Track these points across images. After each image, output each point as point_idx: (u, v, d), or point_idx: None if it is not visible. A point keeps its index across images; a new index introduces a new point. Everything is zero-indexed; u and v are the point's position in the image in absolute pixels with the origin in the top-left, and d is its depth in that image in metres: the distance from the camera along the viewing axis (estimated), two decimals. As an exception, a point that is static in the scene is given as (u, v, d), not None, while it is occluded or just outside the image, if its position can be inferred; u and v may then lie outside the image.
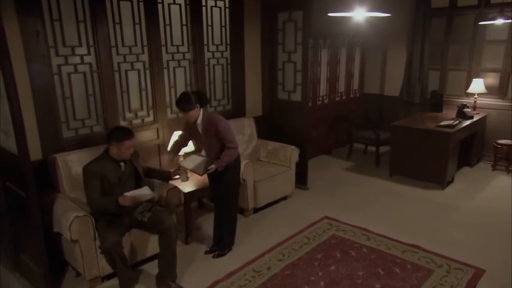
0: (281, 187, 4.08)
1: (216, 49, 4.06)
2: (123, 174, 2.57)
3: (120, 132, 2.51)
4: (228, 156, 2.79)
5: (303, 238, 3.36)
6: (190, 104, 2.69)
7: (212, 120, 2.77)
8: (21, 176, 2.29)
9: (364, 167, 5.18)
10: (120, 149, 2.49)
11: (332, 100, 5.66)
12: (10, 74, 2.03)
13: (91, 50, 3.06)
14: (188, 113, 2.71)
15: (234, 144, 2.80)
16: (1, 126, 2.39)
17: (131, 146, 2.53)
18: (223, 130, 2.75)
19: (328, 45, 5.33)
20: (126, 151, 2.52)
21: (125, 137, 2.49)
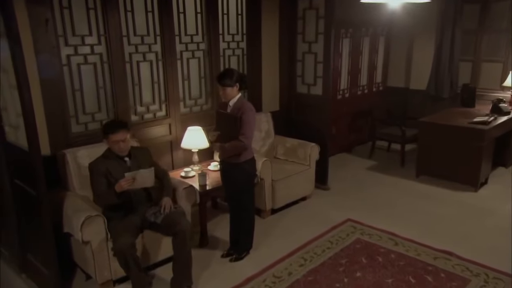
0: (301, 187, 4.02)
1: (231, 39, 4.01)
2: (128, 170, 2.53)
3: (106, 126, 2.53)
4: (233, 147, 2.71)
5: (325, 242, 3.31)
6: (231, 80, 2.67)
7: (242, 106, 2.73)
8: (31, 172, 2.28)
9: (388, 167, 5.09)
10: (109, 143, 2.50)
11: (353, 94, 5.57)
12: (22, 64, 2.01)
13: (101, 39, 3.04)
14: (226, 89, 2.68)
15: (246, 140, 2.71)
16: (10, 119, 2.38)
17: (119, 140, 2.49)
18: (245, 121, 2.69)
19: (350, 35, 5.24)
20: (116, 146, 2.50)
21: (109, 131, 2.48)
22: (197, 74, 3.80)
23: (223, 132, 2.74)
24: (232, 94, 2.73)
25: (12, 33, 1.98)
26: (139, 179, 2.43)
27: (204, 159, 3.78)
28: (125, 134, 2.51)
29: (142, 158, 2.67)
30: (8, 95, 2.29)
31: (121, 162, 2.57)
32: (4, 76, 2.26)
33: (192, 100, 3.82)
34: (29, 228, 2.61)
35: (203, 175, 3.25)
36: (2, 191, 2.70)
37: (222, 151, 2.77)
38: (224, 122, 2.75)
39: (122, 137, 2.50)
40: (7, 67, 2.17)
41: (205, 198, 3.22)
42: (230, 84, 2.69)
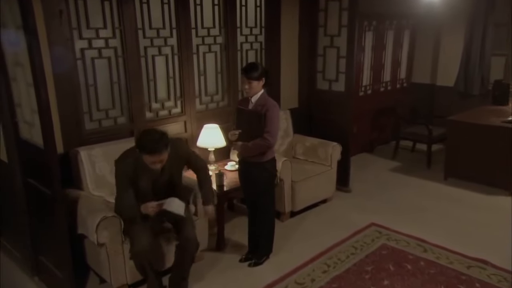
0: (321, 188, 3.97)
1: (249, 32, 3.98)
2: (157, 180, 2.37)
3: (142, 143, 2.25)
4: (257, 146, 2.68)
5: (349, 247, 3.25)
6: (257, 72, 2.65)
7: (266, 103, 2.69)
8: (45, 171, 2.28)
9: (413, 168, 5.00)
10: (143, 158, 2.29)
11: (376, 91, 5.49)
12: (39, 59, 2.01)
13: (116, 32, 3.04)
14: (252, 83, 2.65)
15: (272, 138, 2.68)
16: (25, 116, 2.39)
17: (153, 162, 2.27)
18: (270, 118, 2.66)
19: (373, 28, 5.16)
20: (151, 165, 2.29)
21: (144, 151, 2.24)
22: (214, 69, 3.77)
23: (245, 130, 2.70)
24: (257, 89, 2.70)
25: (29, 26, 1.98)
26: (168, 207, 2.35)
27: (220, 158, 3.75)
28: (163, 155, 2.25)
29: (177, 162, 2.45)
30: (23, 90, 2.30)
31: (151, 170, 2.34)
32: (19, 71, 2.27)
33: (208, 96, 3.79)
34: (42, 229, 2.62)
35: (220, 175, 3.23)
36: (14, 190, 2.71)
37: (246, 150, 2.73)
38: (247, 120, 2.72)
39: (159, 159, 2.25)
40: (23, 61, 2.17)
41: (223, 199, 3.20)
42: (257, 77, 2.66)
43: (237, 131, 2.71)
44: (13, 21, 2.15)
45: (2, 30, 2.30)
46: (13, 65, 2.33)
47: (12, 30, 2.18)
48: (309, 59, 4.37)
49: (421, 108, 5.63)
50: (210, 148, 3.51)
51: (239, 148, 2.76)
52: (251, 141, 2.68)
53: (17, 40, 2.14)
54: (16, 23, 2.12)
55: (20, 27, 2.08)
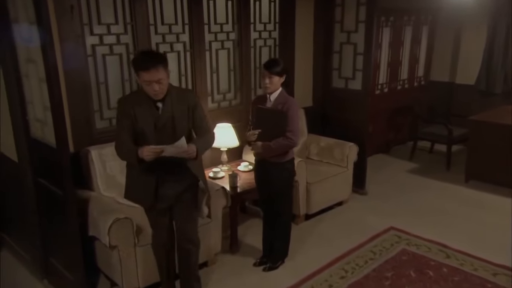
0: (337, 190, 3.94)
1: (263, 28, 3.96)
2: (158, 119, 2.15)
3: (137, 60, 2.07)
4: (281, 146, 2.66)
5: (367, 252, 3.22)
6: (279, 67, 2.64)
7: (287, 101, 2.68)
8: (57, 171, 2.28)
9: (432, 170, 4.94)
10: (140, 82, 2.09)
11: (392, 89, 5.44)
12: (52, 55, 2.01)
13: (128, 28, 3.03)
14: (274, 78, 2.64)
15: (295, 137, 2.67)
16: (36, 114, 2.39)
17: (153, 81, 2.03)
18: (292, 116, 2.64)
19: (390, 24, 5.10)
20: (149, 88, 2.06)
21: (139, 66, 2.02)
22: (226, 66, 3.76)
23: (265, 130, 2.65)
24: (277, 85, 2.68)
25: (43, 21, 1.97)
26: (169, 152, 2.09)
27: (232, 158, 3.74)
28: (161, 73, 2.03)
29: (180, 105, 2.21)
30: (35, 87, 2.30)
31: (152, 106, 2.15)
32: (32, 67, 2.27)
33: (220, 94, 3.78)
34: (53, 230, 2.62)
35: (234, 176, 3.21)
36: (24, 190, 2.72)
37: (268, 150, 2.68)
38: (267, 119, 2.67)
39: (156, 77, 2.03)
40: (35, 57, 2.17)
41: (236, 201, 3.18)
42: (279, 72, 2.64)
43: (256, 131, 2.67)
44: (26, 16, 2.15)
45: (14, 26, 2.30)
46: (25, 61, 2.33)
47: (25, 25, 2.18)
48: (325, 56, 4.34)
49: (439, 107, 5.56)
50: (222, 148, 3.50)
51: (260, 149, 2.70)
52: (273, 141, 2.65)
53: (30, 36, 2.14)
54: (29, 19, 2.12)
55: (33, 22, 2.08)
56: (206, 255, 2.96)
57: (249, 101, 3.97)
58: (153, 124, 2.15)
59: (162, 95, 2.13)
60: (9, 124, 2.64)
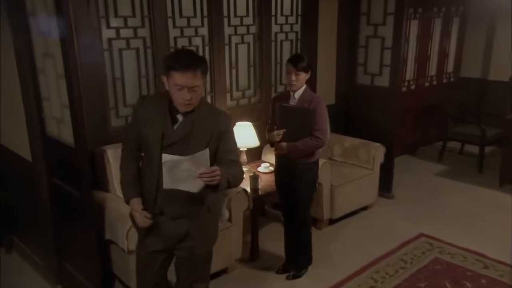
0: (363, 194, 3.90)
1: (285, 21, 3.93)
2: (170, 135, 1.81)
3: (173, 57, 1.78)
4: (310, 146, 2.64)
5: (397, 260, 3.17)
6: (305, 63, 2.62)
7: (313, 98, 2.66)
8: (74, 171, 2.28)
9: (463, 172, 4.87)
10: (169, 86, 1.77)
11: (420, 86, 5.36)
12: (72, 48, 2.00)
13: (145, 21, 3.03)
14: (300, 74, 2.61)
15: (324, 137, 2.65)
16: (53, 111, 2.40)
17: (187, 86, 1.72)
18: (320, 114, 2.62)
19: (419, 16, 5.02)
20: (178, 94, 1.74)
21: (175, 66, 1.71)
22: (246, 61, 3.74)
23: (290, 130, 2.62)
24: (303, 82, 2.66)
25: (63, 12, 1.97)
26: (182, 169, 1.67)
27: (252, 159, 3.72)
28: (198, 79, 1.73)
29: (205, 127, 1.83)
30: (53, 83, 2.30)
31: (167, 117, 1.82)
32: (49, 62, 2.28)
33: (239, 91, 3.76)
34: (68, 234, 2.63)
35: (255, 177, 3.19)
36: (38, 191, 2.73)
37: (295, 151, 2.65)
38: (293, 118, 2.64)
39: (192, 83, 1.72)
40: (53, 51, 2.18)
41: (258, 204, 3.16)
42: (306, 68, 2.62)
43: (281, 131, 2.64)
44: (45, 8, 2.15)
45: (31, 19, 2.31)
46: (42, 55, 2.34)
47: (43, 17, 2.19)
48: (349, 50, 4.30)
49: (470, 105, 5.46)
50: (242, 148, 3.47)
51: (285, 150, 2.67)
52: (300, 141, 2.62)
53: (49, 28, 2.14)
54: (48, 10, 2.12)
55: (52, 14, 2.08)
56: (226, 261, 2.95)
57: (269, 99, 3.95)
58: (160, 135, 1.81)
59: (191, 107, 1.80)
60: (23, 122, 2.65)
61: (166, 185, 1.71)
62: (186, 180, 1.69)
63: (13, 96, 2.69)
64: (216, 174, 1.68)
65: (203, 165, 1.66)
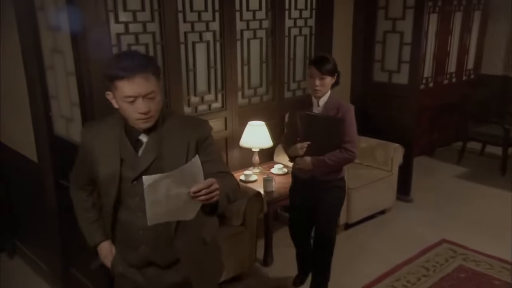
0: (380, 197, 3.88)
1: (299, 15, 3.91)
2: (137, 162, 1.51)
3: (114, 62, 1.46)
4: (340, 161, 2.45)
5: (419, 267, 3.15)
6: (331, 65, 2.41)
7: (341, 105, 2.46)
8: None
9: (484, 175, 4.83)
10: (117, 101, 1.47)
11: (438, 84, 5.33)
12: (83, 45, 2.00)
13: (155, 15, 3.02)
14: (326, 79, 2.40)
15: (355, 149, 2.46)
16: (62, 109, 2.40)
17: (137, 96, 1.41)
18: (350, 124, 2.45)
19: (438, 10, 4.98)
20: (130, 110, 1.44)
21: (118, 72, 1.41)
22: (258, 58, 3.72)
23: (316, 142, 2.41)
24: (329, 87, 2.45)
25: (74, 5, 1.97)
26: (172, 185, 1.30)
27: (264, 160, 3.70)
28: (151, 84, 1.43)
29: (177, 139, 1.54)
30: (62, 80, 2.30)
31: (125, 142, 1.53)
32: (58, 58, 2.27)
33: (251, 89, 3.75)
34: (75, 237, 2.62)
35: (269, 180, 3.17)
36: (44, 193, 2.73)
37: (321, 167, 2.44)
38: (320, 128, 2.41)
39: (144, 89, 1.41)
40: (62, 47, 2.18)
41: (272, 208, 3.14)
42: (332, 71, 2.43)
43: (305, 143, 2.43)
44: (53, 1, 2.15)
45: (39, 13, 2.31)
46: (50, 51, 2.34)
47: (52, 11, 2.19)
48: (365, 46, 4.27)
49: (492, 104, 5.42)
50: (254, 149, 3.47)
51: (309, 165, 2.45)
52: (327, 155, 2.43)
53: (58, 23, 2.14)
54: (57, 3, 2.12)
55: (62, 8, 2.07)
56: (239, 267, 2.94)
57: (282, 97, 3.94)
58: (118, 174, 1.51)
59: (153, 121, 1.49)
60: (28, 121, 2.65)
61: (152, 220, 1.33)
62: (176, 205, 1.32)
63: (18, 94, 2.70)
64: (215, 188, 1.34)
65: (196, 180, 1.32)
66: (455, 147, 5.52)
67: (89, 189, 1.72)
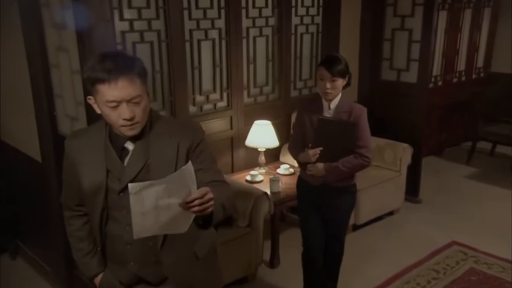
0: (388, 198, 3.87)
1: (305, 13, 3.91)
2: (123, 172, 1.43)
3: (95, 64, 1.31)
4: (352, 167, 2.36)
5: (429, 270, 3.14)
6: (342, 66, 2.29)
7: (353, 108, 2.36)
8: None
9: (495, 175, 4.81)
10: (100, 106, 1.37)
11: (447, 82, 5.31)
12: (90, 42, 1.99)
13: (160, 12, 3.02)
14: (338, 81, 2.28)
15: (370, 155, 2.37)
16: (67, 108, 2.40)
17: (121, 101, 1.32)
18: (363, 129, 2.36)
19: (447, 6, 4.96)
20: (113, 116, 1.34)
21: (99, 74, 1.30)
22: (264, 56, 3.72)
23: (329, 147, 2.33)
24: (340, 89, 2.34)
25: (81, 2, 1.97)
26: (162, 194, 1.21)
27: (270, 160, 3.70)
28: (137, 87, 1.33)
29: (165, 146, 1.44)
30: (67, 79, 2.30)
31: (110, 151, 1.44)
32: (63, 56, 2.27)
33: (257, 88, 3.75)
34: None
35: (275, 180, 3.17)
36: (47, 193, 2.73)
37: (336, 174, 2.36)
38: (333, 133, 2.32)
39: (128, 93, 1.31)
40: (68, 45, 2.18)
41: (279, 209, 3.14)
42: (343, 73, 2.31)
43: (317, 149, 2.34)
44: (59, -1, 2.16)
45: (43, 10, 2.31)
46: (55, 49, 2.34)
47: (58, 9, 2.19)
48: (373, 44, 4.28)
49: (503, 103, 5.38)
50: (260, 149, 3.46)
51: (322, 172, 2.38)
52: (341, 161, 2.35)
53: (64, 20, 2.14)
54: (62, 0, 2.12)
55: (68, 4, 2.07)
56: (245, 269, 2.95)
57: (288, 96, 3.94)
58: (104, 186, 1.42)
59: (139, 128, 1.39)
60: (32, 119, 2.66)
61: (138, 233, 1.24)
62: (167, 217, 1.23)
63: (22, 92, 2.70)
64: (210, 198, 1.25)
65: (189, 189, 1.22)
66: (464, 147, 5.51)
67: (82, 213, 1.58)
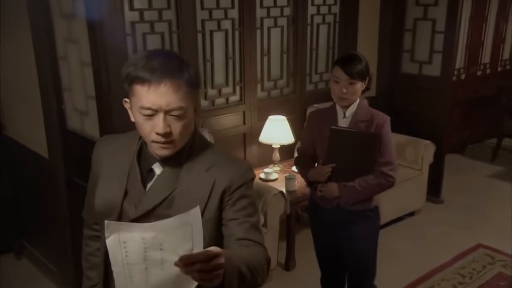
0: (409, 198, 3.85)
1: (322, 2, 3.90)
2: (140, 198, 1.21)
3: (139, 60, 1.13)
4: (372, 188, 2.09)
5: (454, 274, 3.13)
6: (362, 66, 2.02)
7: (374, 117, 2.08)
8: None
9: (521, 174, 4.77)
10: (133, 112, 1.19)
11: (471, 76, 5.26)
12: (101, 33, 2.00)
13: (171, 2, 3.02)
14: (356, 84, 2.01)
15: (394, 173, 2.10)
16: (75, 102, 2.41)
17: (157, 108, 1.11)
18: (387, 142, 2.07)
19: (472, -6, 4.91)
20: (145, 127, 1.15)
21: (139, 73, 1.11)
22: (279, 47, 3.72)
23: (343, 163, 2.05)
24: (359, 93, 2.07)
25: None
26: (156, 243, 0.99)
27: (284, 157, 3.69)
28: (181, 97, 1.12)
29: (199, 180, 1.20)
30: (76, 71, 2.31)
31: (135, 171, 1.24)
32: (72, 48, 2.28)
33: (271, 81, 3.74)
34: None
35: (292, 178, 3.17)
36: (54, 191, 2.75)
37: (351, 195, 2.09)
38: (349, 146, 2.04)
39: (170, 102, 1.11)
40: (78, 36, 2.18)
41: (294, 208, 3.14)
42: (363, 75, 2.04)
43: (330, 165, 2.07)
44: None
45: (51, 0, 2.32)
46: (64, 40, 2.35)
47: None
48: (393, 35, 4.25)
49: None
50: (274, 145, 3.45)
51: (335, 193, 2.10)
52: (358, 180, 2.07)
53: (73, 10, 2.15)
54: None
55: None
56: (260, 272, 2.94)
57: (304, 90, 3.92)
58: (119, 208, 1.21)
59: (175, 149, 1.18)
60: (39, 114, 2.67)
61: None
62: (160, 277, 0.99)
63: (28, 85, 2.71)
64: (217, 265, 0.94)
65: (190, 243, 0.97)
66: (488, 144, 5.46)
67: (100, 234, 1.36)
